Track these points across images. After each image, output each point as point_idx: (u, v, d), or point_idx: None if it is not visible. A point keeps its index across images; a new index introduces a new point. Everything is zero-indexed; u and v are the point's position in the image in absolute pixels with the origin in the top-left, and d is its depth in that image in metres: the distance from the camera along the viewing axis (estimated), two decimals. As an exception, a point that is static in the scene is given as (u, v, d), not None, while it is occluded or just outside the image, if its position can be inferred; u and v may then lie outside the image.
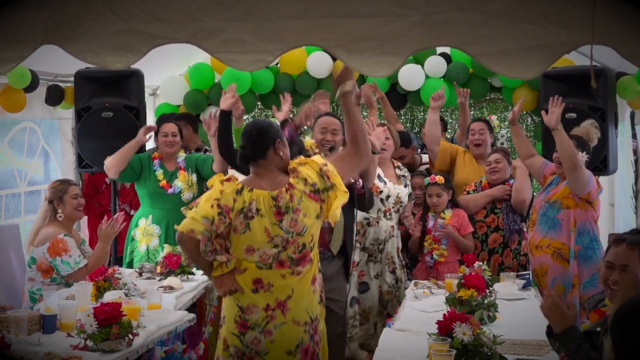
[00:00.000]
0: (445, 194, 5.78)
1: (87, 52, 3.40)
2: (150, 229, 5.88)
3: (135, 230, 5.95)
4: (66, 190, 5.08)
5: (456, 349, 3.24)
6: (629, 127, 6.75)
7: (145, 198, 6.02)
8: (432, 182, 5.79)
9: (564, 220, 5.21)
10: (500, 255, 5.73)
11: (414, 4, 3.25)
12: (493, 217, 5.80)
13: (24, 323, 3.74)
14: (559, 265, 5.18)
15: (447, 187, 5.80)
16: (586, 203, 5.21)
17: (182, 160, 6.08)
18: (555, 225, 5.22)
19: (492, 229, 5.79)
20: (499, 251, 5.75)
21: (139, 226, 5.94)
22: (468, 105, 7.58)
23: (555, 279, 5.18)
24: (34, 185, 6.58)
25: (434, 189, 5.79)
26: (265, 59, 3.38)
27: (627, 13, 3.10)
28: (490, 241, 5.77)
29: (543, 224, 5.28)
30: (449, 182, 5.85)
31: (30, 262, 5.00)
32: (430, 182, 5.80)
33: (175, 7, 3.33)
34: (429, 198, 5.80)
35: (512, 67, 3.31)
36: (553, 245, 5.21)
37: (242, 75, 7.27)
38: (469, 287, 4.22)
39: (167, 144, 6.02)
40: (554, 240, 5.21)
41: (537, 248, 5.28)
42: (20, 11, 3.37)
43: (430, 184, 5.80)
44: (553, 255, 5.20)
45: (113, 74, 6.31)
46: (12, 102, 6.00)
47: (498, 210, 5.79)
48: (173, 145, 6.04)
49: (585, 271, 5.16)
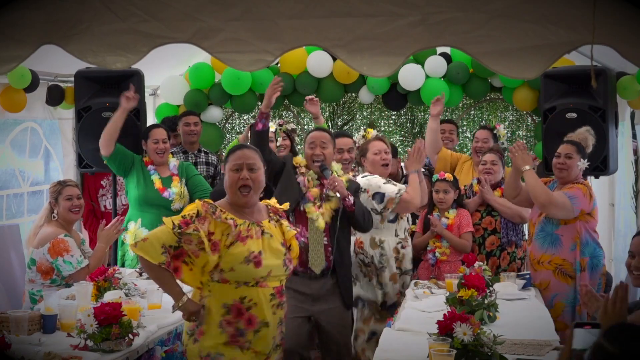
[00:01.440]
0: (452, 192, 5.78)
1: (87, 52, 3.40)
2: (139, 232, 5.86)
3: (125, 234, 5.91)
4: (60, 191, 5.06)
5: (456, 349, 3.24)
6: (629, 127, 6.74)
7: (135, 201, 6.00)
8: (441, 179, 5.81)
9: (564, 236, 5.15)
10: (497, 258, 5.71)
11: (414, 4, 3.25)
12: (490, 220, 5.79)
13: (24, 323, 3.74)
14: (561, 282, 5.15)
15: (455, 186, 5.81)
16: (585, 214, 5.18)
17: (174, 166, 6.09)
18: (555, 241, 5.17)
19: (490, 232, 5.78)
20: (497, 254, 5.73)
21: (128, 230, 5.92)
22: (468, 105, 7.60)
23: (556, 295, 5.14)
24: (36, 186, 6.58)
25: (442, 185, 5.79)
26: (266, 59, 3.38)
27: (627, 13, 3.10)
28: (488, 244, 5.76)
29: (542, 239, 5.23)
30: (457, 181, 5.85)
31: (30, 263, 5.00)
32: (439, 179, 5.82)
33: (174, 7, 3.33)
34: (436, 194, 5.80)
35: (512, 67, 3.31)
36: (555, 261, 5.17)
37: (242, 75, 7.27)
38: (469, 287, 4.21)
39: (157, 151, 6.03)
40: (555, 256, 5.17)
41: (539, 263, 5.23)
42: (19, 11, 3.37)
43: (439, 180, 5.82)
44: (555, 272, 5.17)
45: (113, 74, 6.30)
46: (13, 102, 6.00)
47: (496, 213, 5.79)
48: (164, 151, 6.04)
49: (591, 280, 5.14)
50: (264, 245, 3.49)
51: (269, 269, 3.46)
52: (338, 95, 7.68)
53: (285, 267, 3.55)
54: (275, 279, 3.52)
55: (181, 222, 3.39)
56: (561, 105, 6.25)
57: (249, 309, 3.44)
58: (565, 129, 5.79)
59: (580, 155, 5.19)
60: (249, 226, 3.49)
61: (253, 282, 3.44)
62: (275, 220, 3.63)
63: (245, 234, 3.46)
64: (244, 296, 3.44)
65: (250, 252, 3.43)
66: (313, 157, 4.80)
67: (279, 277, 3.54)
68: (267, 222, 3.58)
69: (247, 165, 3.51)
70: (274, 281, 3.51)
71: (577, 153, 5.18)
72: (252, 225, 3.50)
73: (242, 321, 3.44)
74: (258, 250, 3.45)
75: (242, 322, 3.44)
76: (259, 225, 3.53)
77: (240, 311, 3.43)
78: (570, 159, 5.17)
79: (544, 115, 6.39)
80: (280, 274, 3.54)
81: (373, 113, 7.83)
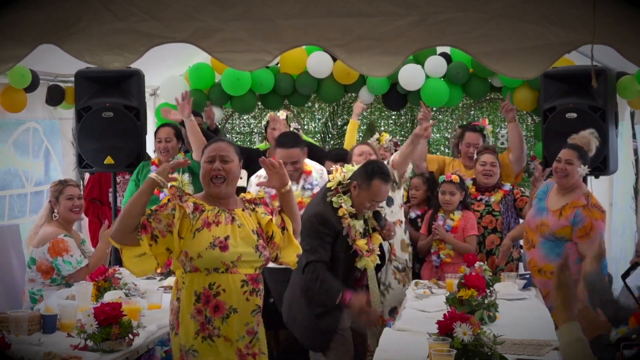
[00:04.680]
0: (459, 193, 5.76)
1: (85, 51, 3.40)
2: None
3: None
4: (62, 190, 5.07)
5: (456, 349, 3.24)
6: (629, 127, 6.74)
7: None
8: (448, 180, 5.79)
9: (572, 250, 5.07)
10: (497, 257, 5.71)
11: (414, 4, 3.25)
12: (490, 219, 5.79)
13: (24, 323, 3.75)
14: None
15: (462, 187, 5.79)
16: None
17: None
18: (561, 254, 4.99)
19: (490, 231, 5.78)
20: (496, 253, 5.73)
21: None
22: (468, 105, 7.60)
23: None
24: (37, 186, 6.58)
25: (448, 186, 5.78)
26: (264, 59, 3.38)
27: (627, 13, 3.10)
28: (488, 242, 5.76)
29: (548, 249, 5.17)
30: (464, 183, 5.83)
31: (30, 262, 5.00)
32: (446, 180, 5.80)
33: (172, 6, 3.33)
34: (442, 195, 5.79)
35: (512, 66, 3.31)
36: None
37: (242, 75, 7.26)
38: (470, 287, 4.21)
39: (160, 150, 6.03)
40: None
41: (540, 272, 5.19)
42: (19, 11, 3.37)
43: (446, 182, 5.80)
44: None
45: (113, 74, 6.30)
46: (13, 102, 5.99)
47: (497, 212, 5.78)
48: (167, 150, 6.03)
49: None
50: (232, 231, 3.49)
51: (237, 254, 3.46)
52: (338, 96, 7.68)
53: (258, 253, 3.53)
54: (247, 265, 3.50)
55: (157, 207, 3.44)
56: (561, 105, 6.24)
57: (216, 295, 3.44)
58: (565, 129, 5.78)
59: (581, 160, 5.15)
60: (218, 212, 3.50)
61: (223, 267, 3.45)
62: (251, 209, 3.63)
63: (212, 220, 3.47)
64: (212, 282, 3.45)
65: (215, 238, 3.44)
66: (371, 207, 4.63)
67: (251, 264, 3.52)
68: (241, 211, 3.58)
69: (220, 157, 3.55)
70: (245, 268, 3.49)
71: (578, 159, 5.14)
72: (222, 212, 3.52)
73: (209, 308, 3.44)
74: (224, 235, 3.46)
75: (209, 309, 3.44)
76: (230, 213, 3.54)
77: (208, 298, 3.44)
78: (570, 164, 5.14)
79: (543, 115, 6.38)
80: (253, 260, 3.52)
81: (373, 113, 7.83)
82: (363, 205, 4.59)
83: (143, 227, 3.38)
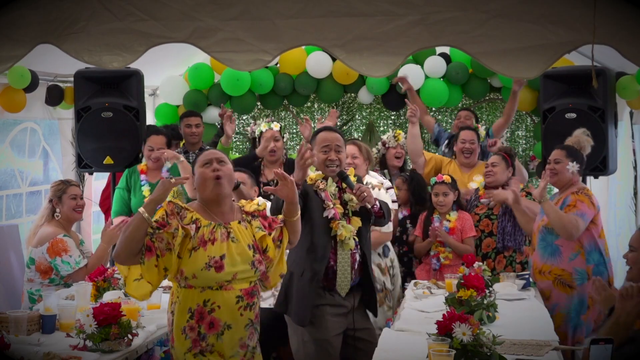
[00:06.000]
0: (452, 194, 5.75)
1: (83, 51, 3.40)
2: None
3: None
4: (65, 190, 5.08)
5: (456, 349, 3.24)
6: (628, 127, 6.74)
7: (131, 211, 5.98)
8: (439, 181, 5.76)
9: (563, 247, 5.12)
10: (492, 261, 5.69)
11: (413, 3, 3.25)
12: (487, 222, 5.78)
13: (23, 323, 3.74)
14: (561, 292, 5.14)
15: (454, 187, 5.77)
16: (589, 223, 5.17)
17: (165, 170, 5.99)
18: (554, 252, 5.14)
19: (487, 234, 5.77)
20: (492, 256, 5.72)
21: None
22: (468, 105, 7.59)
23: (556, 305, 5.11)
24: (34, 186, 6.57)
25: (441, 187, 5.75)
26: (263, 59, 3.37)
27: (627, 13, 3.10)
28: (484, 246, 5.76)
29: (543, 249, 5.21)
30: (455, 182, 5.82)
31: (29, 262, 5.00)
32: (437, 181, 5.78)
33: (171, 6, 3.33)
34: (435, 197, 5.77)
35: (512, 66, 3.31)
36: (554, 272, 5.15)
37: (241, 76, 7.27)
38: (469, 287, 4.21)
39: (150, 158, 5.98)
40: (554, 267, 5.14)
41: (540, 273, 5.21)
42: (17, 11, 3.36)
43: (437, 183, 5.78)
44: (555, 282, 5.15)
45: (113, 74, 6.30)
46: (12, 102, 5.99)
47: (494, 216, 5.78)
48: (157, 159, 5.97)
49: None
50: (228, 249, 3.44)
51: (232, 273, 3.42)
52: (337, 96, 7.68)
53: (254, 269, 3.49)
54: (243, 281, 3.47)
55: (158, 224, 3.38)
56: (560, 105, 6.24)
57: (211, 311, 3.41)
58: (565, 129, 5.77)
59: (569, 158, 5.17)
60: (214, 228, 3.45)
61: (217, 286, 3.42)
62: (247, 221, 3.58)
63: (208, 237, 3.42)
64: (207, 299, 3.41)
65: (210, 258, 3.39)
66: (327, 161, 4.25)
67: (247, 279, 3.48)
68: (237, 224, 3.52)
69: (216, 159, 3.53)
70: (241, 284, 3.46)
71: (565, 157, 5.17)
72: (218, 227, 3.46)
73: (203, 325, 3.40)
74: (220, 254, 3.41)
75: (203, 326, 3.40)
76: (226, 227, 3.49)
77: (202, 315, 3.41)
78: (558, 163, 5.18)
79: (543, 116, 6.38)
80: (248, 276, 3.48)
81: (372, 113, 7.83)
82: (321, 160, 4.25)
83: (148, 250, 3.36)
